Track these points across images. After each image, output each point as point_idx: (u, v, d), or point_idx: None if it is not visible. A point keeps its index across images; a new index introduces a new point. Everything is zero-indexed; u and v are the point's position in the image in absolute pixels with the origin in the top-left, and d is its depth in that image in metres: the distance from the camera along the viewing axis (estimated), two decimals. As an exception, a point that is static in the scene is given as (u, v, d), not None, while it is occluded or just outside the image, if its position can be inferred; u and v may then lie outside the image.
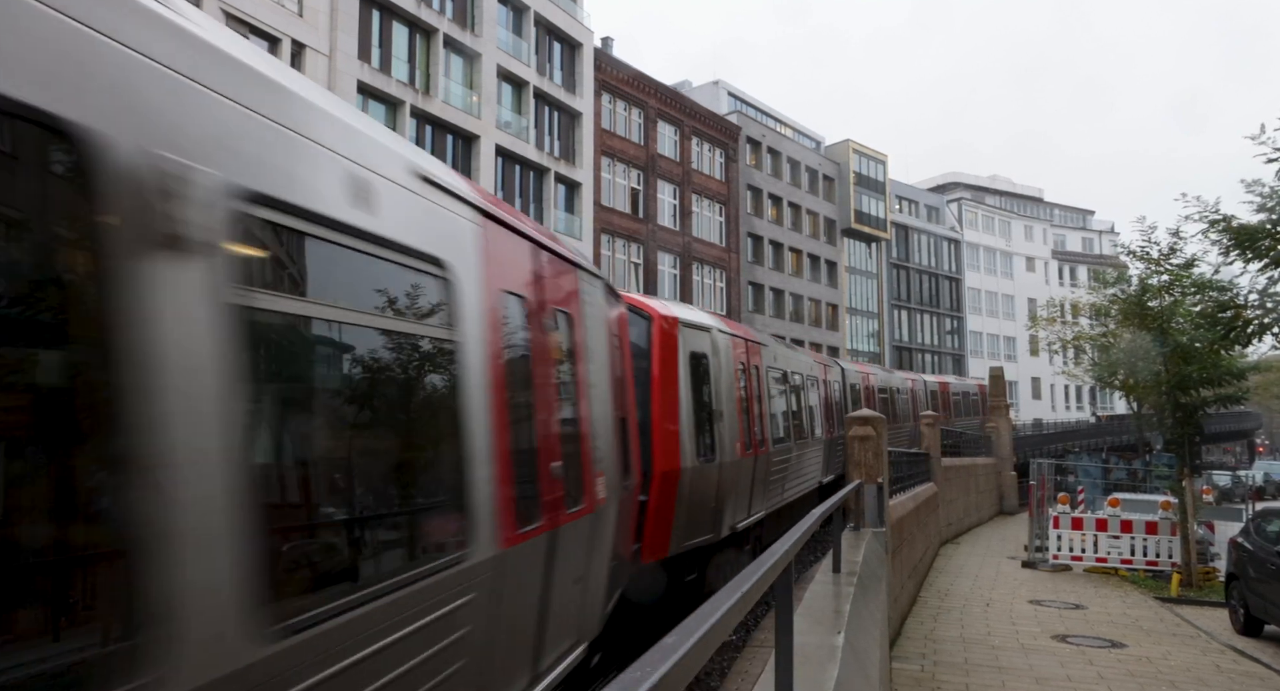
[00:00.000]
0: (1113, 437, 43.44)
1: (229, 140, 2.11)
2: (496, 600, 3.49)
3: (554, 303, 4.67)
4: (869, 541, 7.68)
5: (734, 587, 1.94)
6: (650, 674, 1.20)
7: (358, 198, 2.66)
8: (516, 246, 4.19)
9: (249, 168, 2.16)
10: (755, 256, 44.04)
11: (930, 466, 17.37)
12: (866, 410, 10.32)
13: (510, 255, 4.07)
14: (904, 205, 58.43)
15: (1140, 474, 23.43)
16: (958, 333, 60.95)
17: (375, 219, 2.73)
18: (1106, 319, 28.35)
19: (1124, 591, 14.11)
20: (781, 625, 2.70)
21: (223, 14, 21.66)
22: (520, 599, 3.81)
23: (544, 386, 4.31)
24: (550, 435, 4.32)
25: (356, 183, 2.67)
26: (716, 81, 51.36)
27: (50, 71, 1.65)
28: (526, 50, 31.77)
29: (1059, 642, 9.88)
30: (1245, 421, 60.29)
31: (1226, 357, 15.36)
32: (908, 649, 9.22)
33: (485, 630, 3.40)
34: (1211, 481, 28.77)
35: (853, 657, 4.04)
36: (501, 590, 3.54)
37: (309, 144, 2.47)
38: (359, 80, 25.14)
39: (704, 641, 1.49)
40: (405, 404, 3.09)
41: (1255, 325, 11.87)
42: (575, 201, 33.64)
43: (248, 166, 2.16)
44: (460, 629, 3.15)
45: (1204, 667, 9.08)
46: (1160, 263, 17.04)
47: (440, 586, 2.95)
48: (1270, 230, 10.86)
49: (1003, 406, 31.49)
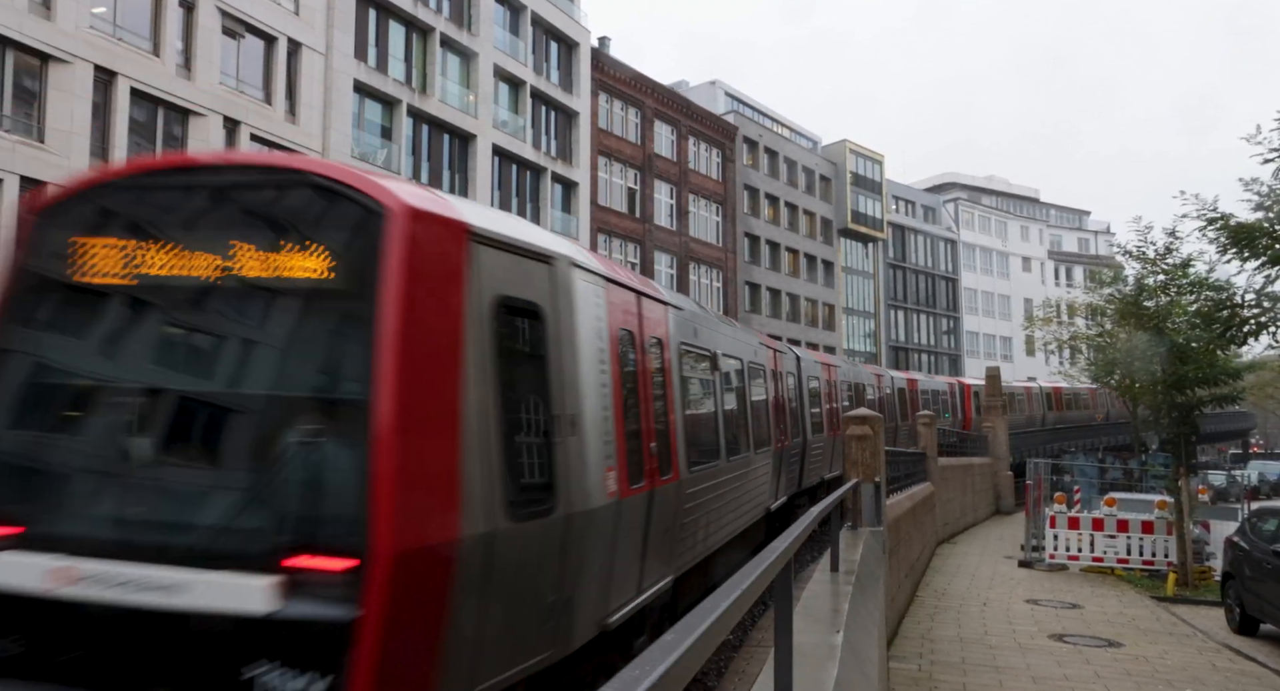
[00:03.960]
0: (1109, 437, 43.54)
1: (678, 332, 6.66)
2: (669, 505, 6.56)
3: (655, 334, 6.72)
4: (866, 540, 7.67)
5: (733, 586, 1.93)
6: (650, 672, 1.19)
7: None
8: (650, 306, 6.75)
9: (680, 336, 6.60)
10: (752, 256, 44.05)
11: (927, 466, 17.38)
12: (864, 409, 10.30)
13: (619, 302, 5.93)
14: (901, 205, 58.50)
15: (1136, 473, 23.47)
16: (954, 333, 61.03)
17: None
18: (1103, 318, 28.40)
19: (1120, 591, 14.12)
20: (781, 623, 2.68)
21: (219, 12, 21.62)
22: (679, 512, 6.85)
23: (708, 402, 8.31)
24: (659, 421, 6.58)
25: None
26: (714, 81, 51.40)
27: (745, 346, 9.67)
28: (523, 50, 31.75)
29: (1056, 642, 9.88)
30: (1240, 421, 60.47)
31: (1222, 357, 15.40)
32: (905, 648, 9.21)
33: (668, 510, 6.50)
34: (1207, 481, 28.83)
35: (852, 657, 4.03)
36: (677, 498, 6.79)
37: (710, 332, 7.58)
38: (355, 79, 25.10)
39: (703, 640, 1.48)
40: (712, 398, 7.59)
41: (1252, 324, 11.89)
42: (572, 201, 33.62)
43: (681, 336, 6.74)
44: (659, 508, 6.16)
45: (1200, 666, 9.09)
46: (1156, 262, 17.08)
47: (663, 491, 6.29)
48: (1268, 229, 10.88)
49: (999, 406, 31.51)
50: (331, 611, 3.23)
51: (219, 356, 3.93)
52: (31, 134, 18.01)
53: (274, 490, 3.51)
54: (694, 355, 7.87)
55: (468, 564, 3.66)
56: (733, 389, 9.51)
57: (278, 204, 3.89)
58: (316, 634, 3.25)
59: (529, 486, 4.29)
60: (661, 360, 6.70)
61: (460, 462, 3.71)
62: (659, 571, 6.28)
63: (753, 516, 10.26)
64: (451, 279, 3.90)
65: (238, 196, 3.96)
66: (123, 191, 4.12)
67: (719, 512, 8.33)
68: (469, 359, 3.86)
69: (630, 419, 5.74)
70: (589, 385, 4.99)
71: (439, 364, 3.74)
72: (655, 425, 6.29)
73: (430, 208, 3.89)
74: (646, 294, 6.54)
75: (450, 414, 3.73)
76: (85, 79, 18.71)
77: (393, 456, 3.37)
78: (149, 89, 19.94)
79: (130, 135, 19.70)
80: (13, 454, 3.85)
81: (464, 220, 4.05)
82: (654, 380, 6.45)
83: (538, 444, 4.44)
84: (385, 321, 3.50)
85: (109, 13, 19.65)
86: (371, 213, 3.66)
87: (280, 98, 23.18)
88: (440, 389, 3.72)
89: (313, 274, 3.69)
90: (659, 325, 6.69)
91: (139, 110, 20.07)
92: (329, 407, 3.66)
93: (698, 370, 8.01)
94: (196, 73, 21.08)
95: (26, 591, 3.40)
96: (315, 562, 3.31)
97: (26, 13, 17.83)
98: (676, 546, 6.73)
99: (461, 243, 3.97)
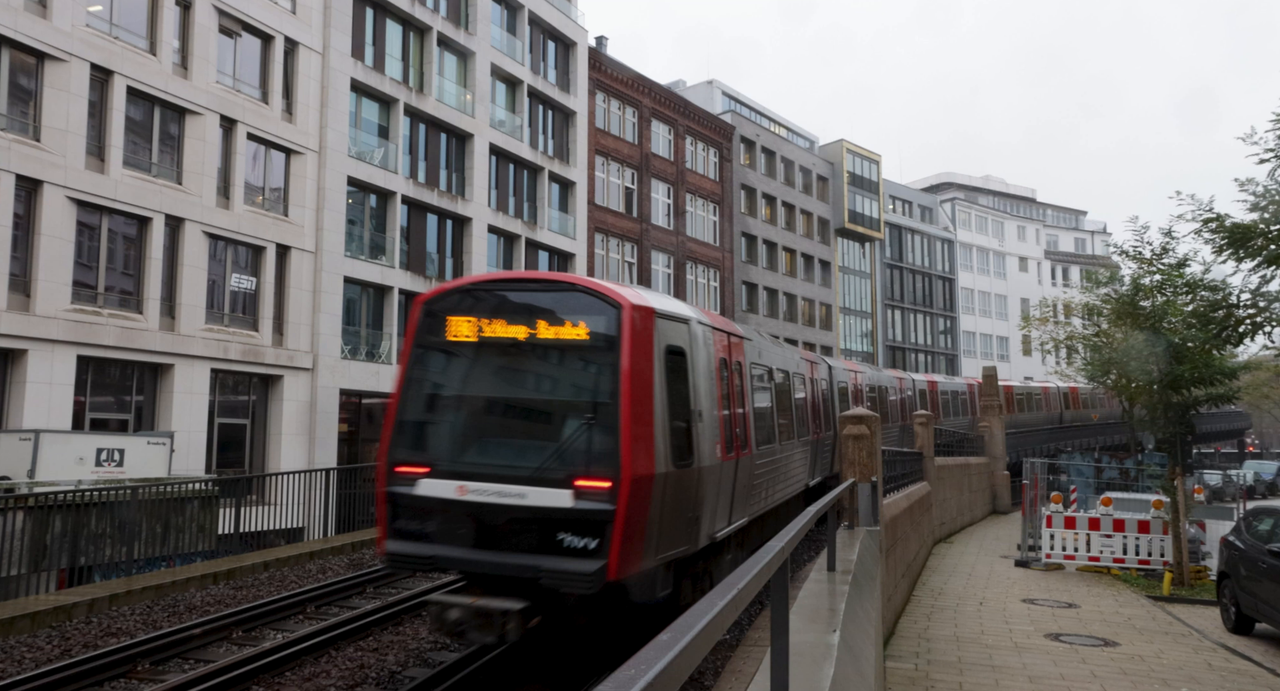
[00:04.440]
0: (1104, 437, 43.70)
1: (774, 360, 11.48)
2: (746, 471, 9.10)
3: (737, 360, 9.52)
4: (863, 540, 7.67)
5: (729, 585, 1.93)
6: (645, 672, 1.18)
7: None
8: (734, 340, 9.55)
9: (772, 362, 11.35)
10: (749, 256, 44.06)
11: (924, 465, 17.38)
12: (860, 408, 10.33)
13: (718, 340, 8.82)
14: (897, 205, 58.54)
15: (1132, 473, 23.49)
16: (951, 332, 61.07)
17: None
18: (1099, 318, 28.43)
19: (1116, 590, 14.14)
20: (777, 623, 2.68)
21: (216, 11, 21.57)
22: (751, 476, 9.49)
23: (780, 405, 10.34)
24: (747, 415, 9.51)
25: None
26: (711, 81, 51.36)
27: (790, 360, 12.99)
28: (520, 49, 31.72)
29: (1052, 641, 9.90)
30: (1235, 421, 60.63)
31: (1218, 357, 15.43)
32: (902, 647, 9.22)
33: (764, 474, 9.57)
34: (1203, 480, 28.88)
35: (848, 656, 4.03)
36: (750, 467, 9.42)
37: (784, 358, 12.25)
38: (352, 78, 25.06)
39: (699, 639, 1.47)
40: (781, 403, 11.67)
41: (1247, 325, 11.92)
42: (569, 200, 33.61)
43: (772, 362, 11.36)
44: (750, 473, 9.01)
45: (1196, 665, 9.11)
46: (1153, 262, 17.11)
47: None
48: (1263, 229, 10.90)
49: (995, 406, 31.55)
50: (599, 506, 6.57)
51: (528, 378, 7.61)
52: (27, 132, 17.96)
53: (569, 446, 6.89)
54: (758, 369, 10.83)
55: (658, 487, 6.80)
56: (783, 392, 12.40)
57: (560, 301, 7.29)
58: (591, 518, 6.56)
59: (681, 449, 7.35)
60: (740, 375, 9.69)
61: (654, 435, 6.85)
62: (740, 513, 9.27)
63: (796, 489, 13.08)
64: (648, 338, 7.06)
65: (537, 296, 7.46)
66: (471, 291, 7.56)
67: (774, 481, 11.20)
68: (656, 382, 7.03)
69: (726, 414, 8.77)
70: (706, 393, 8.08)
71: (644, 384, 6.90)
72: (738, 417, 9.26)
73: (639, 302, 7.12)
74: (731, 332, 9.62)
75: (650, 410, 6.87)
76: (81, 77, 18.66)
77: (627, 431, 6.66)
78: (145, 88, 19.89)
79: (126, 134, 19.66)
80: (422, 431, 7.44)
81: (652, 306, 7.25)
82: (736, 388, 9.41)
83: (684, 427, 7.49)
84: (622, 362, 6.85)
85: (105, 11, 19.60)
86: (613, 306, 7.03)
87: (277, 97, 23.14)
88: (645, 397, 6.87)
89: (581, 337, 7.07)
90: (738, 351, 9.76)
91: (135, 109, 20.02)
92: (594, 406, 6.95)
93: (761, 380, 10.97)
94: (193, 71, 21.03)
95: (444, 497, 6.95)
96: (591, 483, 6.63)
97: (22, 11, 17.78)
98: (749, 499, 9.69)
99: (651, 318, 7.15)
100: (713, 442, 8.07)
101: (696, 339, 8.03)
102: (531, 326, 7.15)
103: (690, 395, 7.66)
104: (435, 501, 6.96)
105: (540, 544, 6.67)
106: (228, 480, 17.02)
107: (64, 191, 18.25)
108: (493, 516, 6.78)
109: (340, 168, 24.43)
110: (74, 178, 18.40)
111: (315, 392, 23.22)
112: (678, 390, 7.45)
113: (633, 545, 6.51)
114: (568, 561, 6.55)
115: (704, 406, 7.94)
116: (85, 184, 18.61)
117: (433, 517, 7.01)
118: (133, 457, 15.87)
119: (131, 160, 19.79)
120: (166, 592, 11.00)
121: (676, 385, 7.44)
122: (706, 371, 8.20)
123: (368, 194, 25.89)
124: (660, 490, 6.82)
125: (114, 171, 19.19)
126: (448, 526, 6.93)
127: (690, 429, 7.55)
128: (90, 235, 19.12)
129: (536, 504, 6.66)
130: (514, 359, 7.44)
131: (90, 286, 18.95)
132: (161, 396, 20.12)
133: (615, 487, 6.50)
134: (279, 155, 23.35)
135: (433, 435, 7.42)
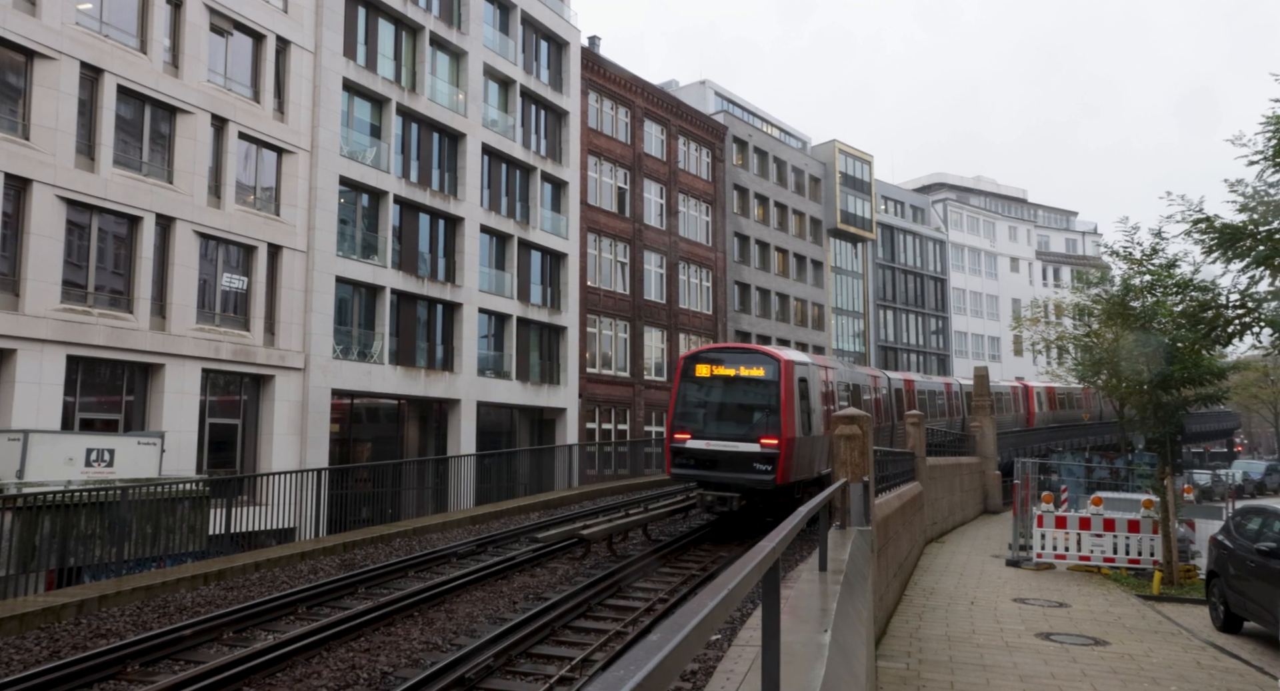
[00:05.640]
0: (1095, 437, 43.86)
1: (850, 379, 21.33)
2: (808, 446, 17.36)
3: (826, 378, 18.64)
4: (855, 540, 7.68)
5: (720, 585, 1.93)
6: (634, 672, 1.18)
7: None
8: (829, 369, 19.31)
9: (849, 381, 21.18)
10: (741, 256, 44.09)
11: (915, 465, 17.44)
12: (852, 408, 10.35)
13: (819, 370, 18.20)
14: (890, 205, 58.67)
15: (1122, 473, 23.59)
16: (943, 332, 61.24)
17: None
18: (1090, 318, 28.56)
19: (1106, 589, 14.21)
20: (768, 623, 2.68)
21: (207, 10, 21.48)
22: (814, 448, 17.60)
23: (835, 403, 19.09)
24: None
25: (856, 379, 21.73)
26: (704, 81, 51.39)
27: (859, 379, 22.73)
28: (513, 49, 31.68)
29: (1043, 640, 9.93)
30: (1225, 421, 60.94)
31: (1207, 357, 15.51)
32: (893, 647, 9.24)
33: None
34: (1192, 480, 29.01)
35: (839, 656, 4.04)
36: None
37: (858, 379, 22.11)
38: (344, 77, 24.99)
39: (689, 639, 1.47)
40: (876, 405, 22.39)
41: (1236, 325, 11.99)
42: (561, 200, 33.59)
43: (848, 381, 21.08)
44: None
45: (1185, 664, 9.16)
46: (1143, 263, 17.19)
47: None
48: (1252, 230, 10.96)
49: (986, 406, 31.65)
50: (772, 451, 15.60)
51: (737, 393, 16.49)
52: (17, 131, 17.84)
53: (759, 424, 15.96)
54: (842, 383, 19.82)
55: (797, 444, 15.85)
56: (856, 396, 21.12)
57: (750, 358, 16.68)
58: (769, 456, 15.57)
59: (805, 426, 16.50)
60: (833, 387, 18.82)
61: (795, 420, 15.93)
62: (827, 466, 16.58)
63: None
64: (791, 375, 16.15)
65: (739, 355, 16.90)
66: (708, 352, 17.05)
67: None
68: (795, 394, 16.11)
69: (826, 409, 17.75)
70: (815, 399, 17.26)
71: (790, 396, 15.92)
72: (830, 412, 17.72)
73: (787, 358, 16.39)
74: (829, 365, 19.06)
75: (793, 408, 15.91)
76: (71, 76, 18.55)
77: (783, 417, 15.75)
78: (135, 86, 19.79)
79: (116, 133, 19.56)
80: (686, 418, 16.51)
81: (793, 360, 16.52)
82: (828, 396, 18.24)
83: (807, 416, 16.66)
84: (781, 386, 15.98)
85: (95, 9, 19.49)
86: (775, 361, 16.30)
87: (269, 96, 23.05)
88: (790, 402, 15.89)
89: (761, 374, 16.27)
90: (830, 373, 19.04)
91: (125, 107, 19.92)
92: (768, 407, 16.01)
93: (844, 389, 19.79)
94: (184, 70, 20.93)
95: (699, 448, 16.11)
96: (768, 441, 15.66)
97: (11, 8, 17.67)
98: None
99: (792, 366, 16.32)
100: (819, 424, 17.20)
101: (811, 373, 17.21)
102: (737, 370, 16.36)
103: (810, 400, 16.89)
104: (695, 450, 16.02)
105: (744, 468, 15.51)
106: (219, 480, 16.95)
107: (53, 190, 18.15)
108: (722, 456, 15.75)
109: (332, 167, 24.35)
110: (64, 176, 18.30)
111: (307, 393, 23.14)
112: (804, 398, 16.56)
113: (786, 470, 15.35)
114: (757, 476, 15.40)
115: (815, 406, 17.10)
116: (75, 183, 18.50)
117: (693, 457, 16.01)
118: (123, 458, 15.80)
119: (122, 159, 19.69)
120: (157, 593, 10.95)
121: (803, 396, 16.51)
122: (815, 388, 17.30)
123: (360, 193, 25.81)
124: (797, 446, 15.80)
125: (104, 170, 19.08)
126: (700, 462, 15.96)
127: (810, 417, 16.75)
128: (80, 234, 19.01)
129: (743, 450, 15.62)
130: (729, 385, 16.37)
131: (80, 286, 18.84)
132: (152, 396, 20.02)
133: (779, 443, 15.42)
134: (270, 154, 23.26)
135: (692, 419, 16.34)
